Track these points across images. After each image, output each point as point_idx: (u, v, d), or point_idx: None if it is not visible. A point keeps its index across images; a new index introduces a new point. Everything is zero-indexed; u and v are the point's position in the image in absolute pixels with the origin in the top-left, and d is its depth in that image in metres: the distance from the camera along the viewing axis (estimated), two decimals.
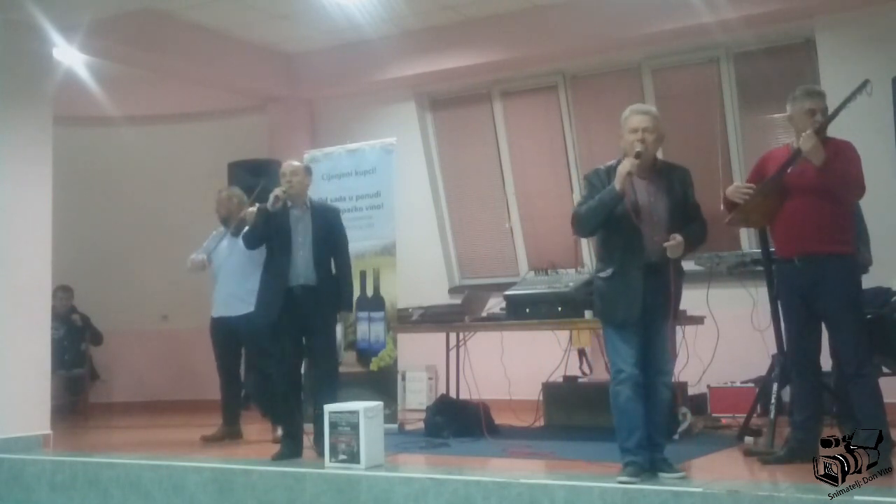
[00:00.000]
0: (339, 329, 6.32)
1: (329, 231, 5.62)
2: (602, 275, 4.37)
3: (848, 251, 4.51)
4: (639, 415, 4.23)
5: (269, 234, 5.52)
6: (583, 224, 4.43)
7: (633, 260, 4.26)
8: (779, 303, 4.95)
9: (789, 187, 4.55)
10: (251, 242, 5.67)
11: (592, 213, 4.33)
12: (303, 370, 5.76)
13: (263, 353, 5.93)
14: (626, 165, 4.22)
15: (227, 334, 6.56)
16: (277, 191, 5.46)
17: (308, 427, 5.58)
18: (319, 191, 7.00)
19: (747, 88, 7.56)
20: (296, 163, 5.74)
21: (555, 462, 5.07)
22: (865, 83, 4.43)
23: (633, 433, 4.24)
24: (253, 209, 5.68)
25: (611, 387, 4.33)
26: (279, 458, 5.31)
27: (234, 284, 6.46)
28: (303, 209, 5.60)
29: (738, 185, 4.70)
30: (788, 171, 4.54)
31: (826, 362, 4.85)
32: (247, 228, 5.70)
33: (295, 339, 5.51)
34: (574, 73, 8.20)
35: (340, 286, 5.65)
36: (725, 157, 7.57)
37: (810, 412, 4.64)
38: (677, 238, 4.21)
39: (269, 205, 5.43)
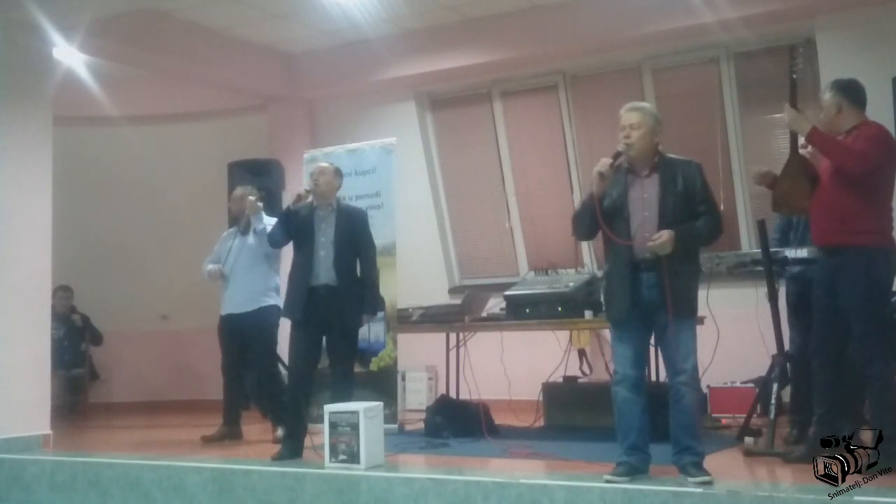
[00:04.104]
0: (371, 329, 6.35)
1: (353, 233, 5.61)
2: (602, 274, 4.44)
3: (866, 242, 4.36)
4: (635, 416, 4.23)
5: (293, 233, 5.57)
6: (574, 228, 4.53)
7: (621, 258, 4.28)
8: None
9: (818, 178, 4.58)
10: (274, 241, 5.77)
11: (577, 217, 4.45)
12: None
13: (274, 352, 5.95)
14: (598, 166, 4.24)
15: (233, 332, 6.55)
16: (301, 189, 5.54)
17: (312, 427, 5.59)
18: None
19: (747, 88, 7.55)
20: (325, 164, 5.82)
21: (555, 462, 5.06)
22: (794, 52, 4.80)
23: (628, 434, 4.25)
24: (253, 198, 5.71)
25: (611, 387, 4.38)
26: (279, 458, 5.30)
27: (243, 282, 6.47)
28: (328, 210, 5.61)
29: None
30: (800, 148, 4.66)
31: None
32: (270, 228, 5.78)
33: (314, 338, 5.51)
34: (574, 73, 8.20)
35: (365, 289, 5.63)
36: (725, 157, 7.57)
37: (829, 406, 4.54)
38: (663, 236, 4.13)
39: (291, 203, 5.50)
